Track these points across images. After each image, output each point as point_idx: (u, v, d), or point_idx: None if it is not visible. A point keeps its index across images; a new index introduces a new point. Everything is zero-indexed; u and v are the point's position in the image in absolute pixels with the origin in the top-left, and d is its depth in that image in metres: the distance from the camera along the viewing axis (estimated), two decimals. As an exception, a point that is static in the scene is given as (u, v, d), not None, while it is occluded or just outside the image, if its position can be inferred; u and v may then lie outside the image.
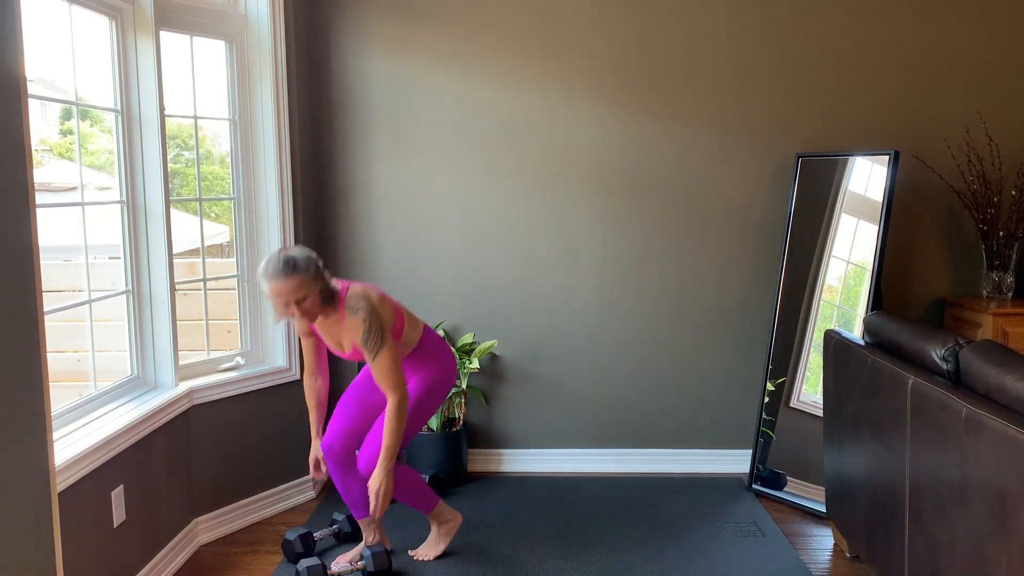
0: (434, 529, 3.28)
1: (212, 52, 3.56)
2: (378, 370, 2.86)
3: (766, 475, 3.91)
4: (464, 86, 4.07)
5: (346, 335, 2.95)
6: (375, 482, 2.88)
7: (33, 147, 2.27)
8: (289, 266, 2.75)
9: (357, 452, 3.11)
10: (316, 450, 3.18)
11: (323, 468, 3.18)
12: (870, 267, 3.68)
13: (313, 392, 3.17)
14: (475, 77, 4.06)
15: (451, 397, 4.04)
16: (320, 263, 2.83)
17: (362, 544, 3.25)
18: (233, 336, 3.83)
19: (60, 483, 2.42)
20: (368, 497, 3.11)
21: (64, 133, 4.06)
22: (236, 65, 3.59)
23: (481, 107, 4.07)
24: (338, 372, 4.23)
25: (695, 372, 4.19)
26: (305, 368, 3.17)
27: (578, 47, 4.04)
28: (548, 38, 4.03)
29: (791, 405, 3.88)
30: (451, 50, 4.05)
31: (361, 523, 3.23)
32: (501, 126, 4.08)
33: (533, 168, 4.11)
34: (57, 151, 4.15)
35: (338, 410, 3.17)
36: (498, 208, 4.13)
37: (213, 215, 4.24)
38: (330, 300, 2.87)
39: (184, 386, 3.32)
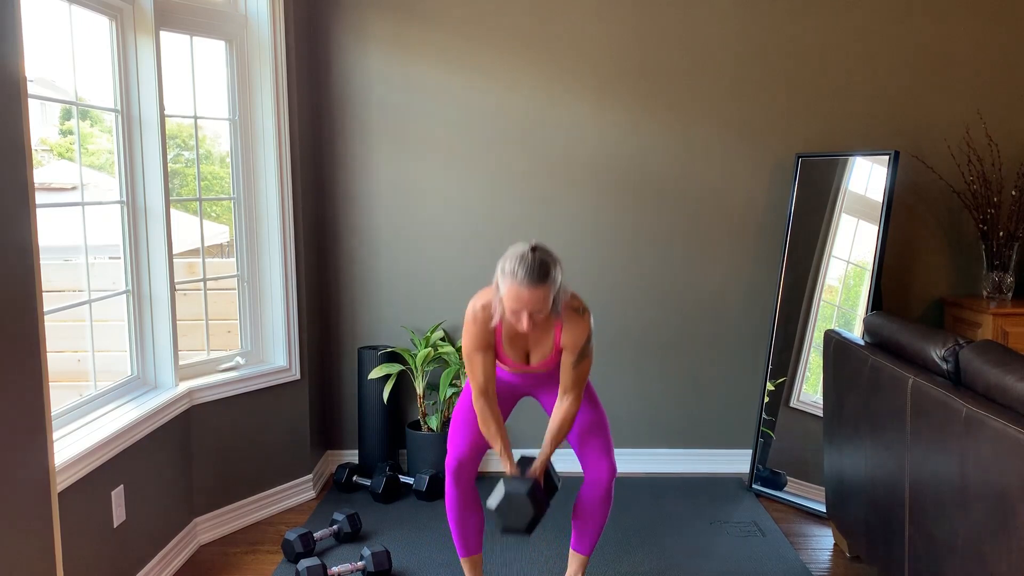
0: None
1: (212, 52, 3.56)
2: (580, 373, 2.63)
3: (766, 475, 3.91)
4: (464, 86, 4.07)
5: (540, 346, 2.66)
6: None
7: (33, 147, 2.27)
8: (544, 273, 2.42)
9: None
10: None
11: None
12: (870, 267, 3.68)
13: (493, 412, 2.71)
14: (475, 77, 4.06)
15: (451, 397, 4.05)
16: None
17: None
18: (233, 336, 3.83)
19: (60, 483, 2.42)
20: (481, 529, 2.87)
21: (64, 133, 4.06)
22: (236, 65, 3.59)
23: (481, 106, 4.07)
24: (340, 371, 4.24)
25: (695, 372, 4.19)
26: (484, 387, 2.67)
27: (578, 47, 4.04)
28: (548, 38, 4.03)
29: (791, 405, 3.88)
30: (451, 50, 4.05)
31: (466, 563, 2.89)
32: (501, 125, 4.08)
33: (533, 168, 4.11)
34: (57, 151, 4.15)
35: (462, 431, 2.80)
36: (498, 207, 4.13)
37: (213, 215, 4.24)
38: (555, 307, 2.53)
39: (184, 386, 3.32)
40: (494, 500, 2.61)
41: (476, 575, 2.90)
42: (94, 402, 2.95)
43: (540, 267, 2.43)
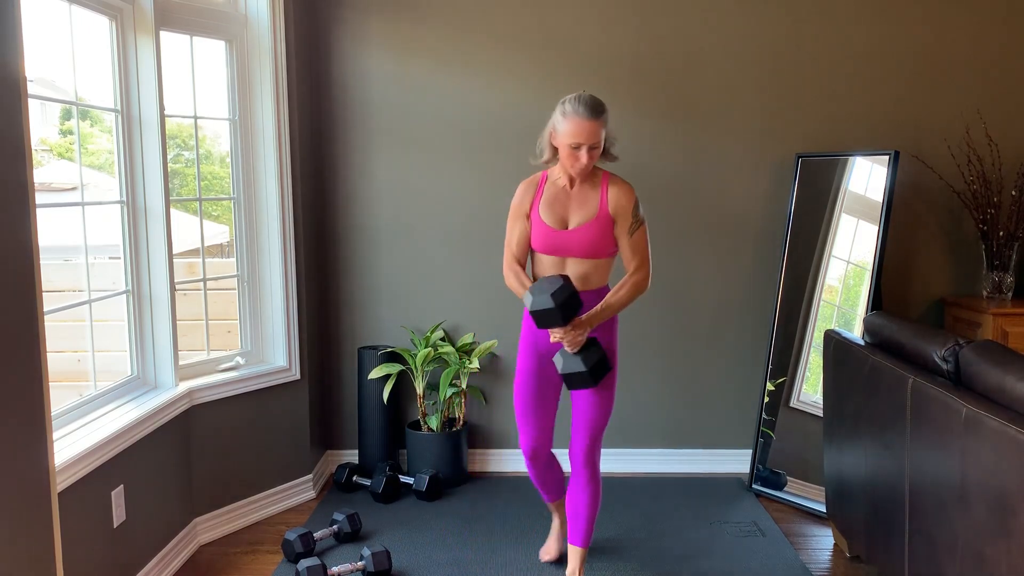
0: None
1: (212, 52, 3.56)
2: (636, 242, 2.81)
3: (766, 475, 3.91)
4: (464, 85, 4.07)
5: (586, 208, 2.80)
6: (579, 323, 2.71)
7: (33, 147, 2.27)
8: (601, 105, 2.71)
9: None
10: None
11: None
12: (870, 267, 3.68)
13: (522, 276, 2.87)
14: (475, 76, 4.06)
15: (451, 397, 4.05)
16: None
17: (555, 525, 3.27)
18: (233, 336, 3.83)
19: (60, 483, 2.42)
20: (561, 480, 3.13)
21: (64, 133, 4.06)
22: (236, 65, 3.59)
23: (481, 106, 4.07)
24: (340, 371, 4.24)
25: (695, 372, 4.20)
26: (516, 254, 2.87)
27: (578, 47, 4.04)
28: (548, 38, 4.03)
29: (791, 405, 3.88)
30: (451, 49, 4.05)
31: (552, 506, 3.23)
32: (501, 125, 4.08)
33: (533, 167, 4.10)
34: (57, 151, 4.15)
35: (526, 416, 2.96)
36: (498, 207, 4.13)
37: (213, 215, 4.24)
38: (606, 151, 2.81)
39: (184, 386, 3.32)
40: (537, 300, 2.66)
41: (562, 512, 3.20)
42: (94, 402, 2.95)
43: (596, 101, 2.71)
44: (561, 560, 3.22)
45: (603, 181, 2.85)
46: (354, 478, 3.94)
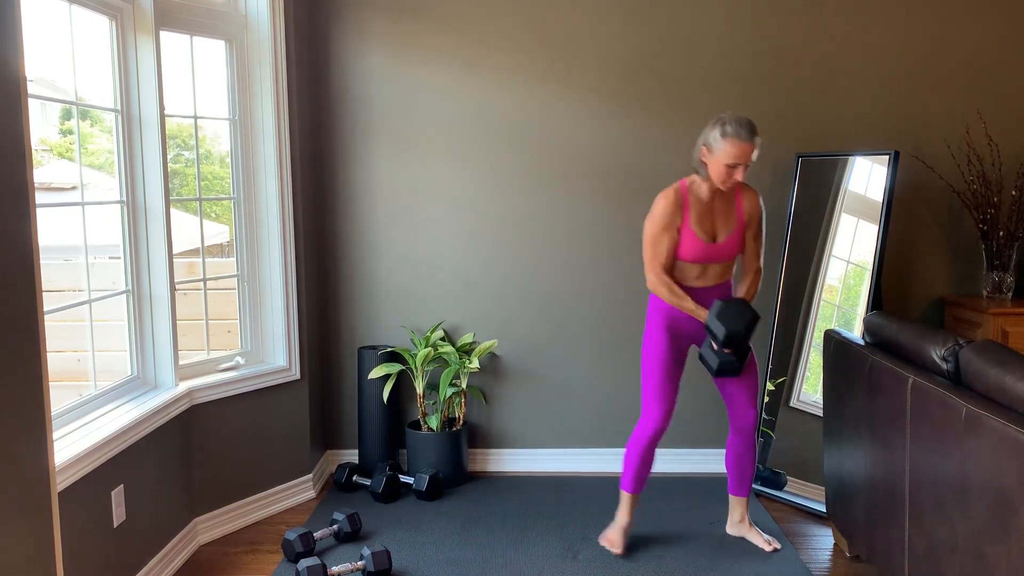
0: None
1: (212, 52, 3.56)
2: (759, 245, 3.22)
3: (766, 475, 3.91)
4: (464, 86, 4.07)
5: (729, 219, 3.13)
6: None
7: (33, 147, 2.27)
8: (755, 127, 2.98)
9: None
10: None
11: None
12: (870, 267, 3.68)
13: (675, 285, 3.14)
14: (475, 76, 4.06)
15: (451, 397, 4.05)
16: None
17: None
18: (233, 336, 3.83)
19: (60, 483, 2.42)
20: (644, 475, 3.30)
21: (64, 133, 4.06)
22: (236, 65, 3.59)
23: (481, 106, 4.07)
24: (340, 371, 4.24)
25: (695, 372, 4.19)
26: (666, 265, 3.12)
27: (578, 47, 4.04)
28: (549, 38, 4.03)
29: (791, 405, 3.88)
30: (451, 49, 4.05)
31: (630, 499, 3.32)
32: (501, 125, 4.08)
33: (533, 167, 4.11)
34: (57, 151, 4.15)
35: (661, 394, 3.20)
36: (498, 207, 4.13)
37: (213, 215, 4.24)
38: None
39: (184, 386, 3.32)
40: (716, 322, 3.04)
41: (631, 510, 3.32)
42: (94, 402, 2.95)
43: (752, 124, 3.00)
44: (624, 552, 3.30)
45: (736, 189, 3.15)
46: (354, 478, 3.94)
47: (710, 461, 4.20)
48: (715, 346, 3.12)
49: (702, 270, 3.15)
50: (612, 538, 3.32)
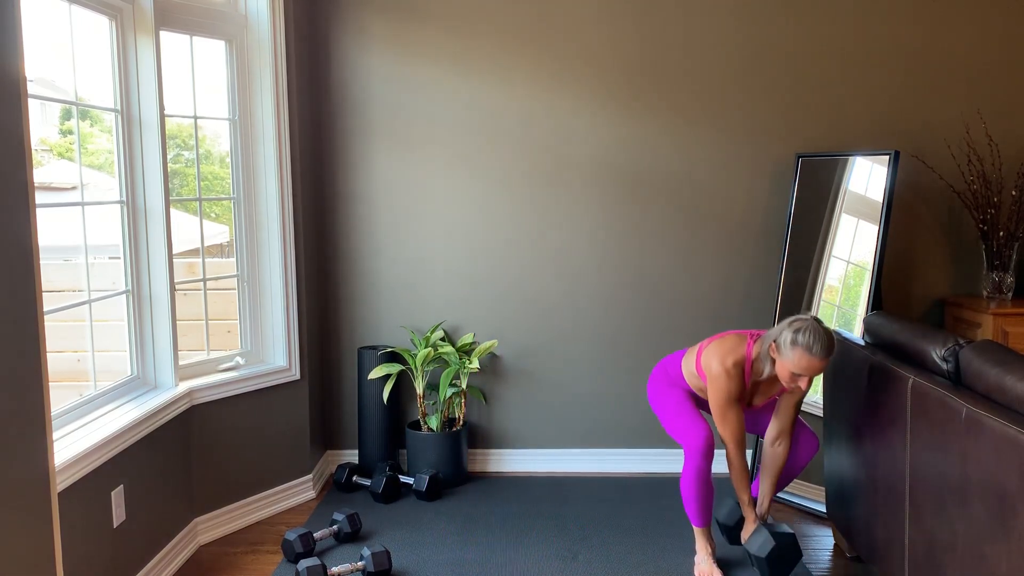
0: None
1: (212, 52, 3.56)
2: (796, 412, 3.11)
3: (766, 475, 3.90)
4: (464, 85, 4.07)
5: (772, 389, 3.09)
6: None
7: (33, 147, 2.27)
8: (834, 346, 2.78)
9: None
10: (749, 528, 3.11)
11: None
12: (870, 267, 3.68)
13: (747, 465, 3.07)
14: (475, 76, 4.06)
15: (451, 397, 4.05)
16: None
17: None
18: (233, 336, 3.83)
19: (60, 483, 2.42)
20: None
21: (64, 133, 4.06)
22: (236, 65, 3.59)
23: (481, 106, 4.07)
24: (340, 371, 4.23)
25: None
26: (741, 438, 2.99)
27: (579, 47, 4.04)
28: (549, 38, 4.03)
29: (791, 405, 3.87)
30: (451, 49, 4.05)
31: (703, 532, 3.13)
32: (501, 125, 4.08)
33: (533, 167, 4.11)
34: (57, 151, 4.15)
35: (694, 416, 3.07)
36: (498, 207, 4.13)
37: (213, 215, 4.24)
38: None
39: (184, 386, 3.32)
40: (760, 547, 2.98)
41: (710, 540, 3.14)
42: (94, 402, 2.95)
43: (832, 342, 2.76)
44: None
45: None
46: (354, 478, 3.94)
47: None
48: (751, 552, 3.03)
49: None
50: (704, 571, 3.10)
